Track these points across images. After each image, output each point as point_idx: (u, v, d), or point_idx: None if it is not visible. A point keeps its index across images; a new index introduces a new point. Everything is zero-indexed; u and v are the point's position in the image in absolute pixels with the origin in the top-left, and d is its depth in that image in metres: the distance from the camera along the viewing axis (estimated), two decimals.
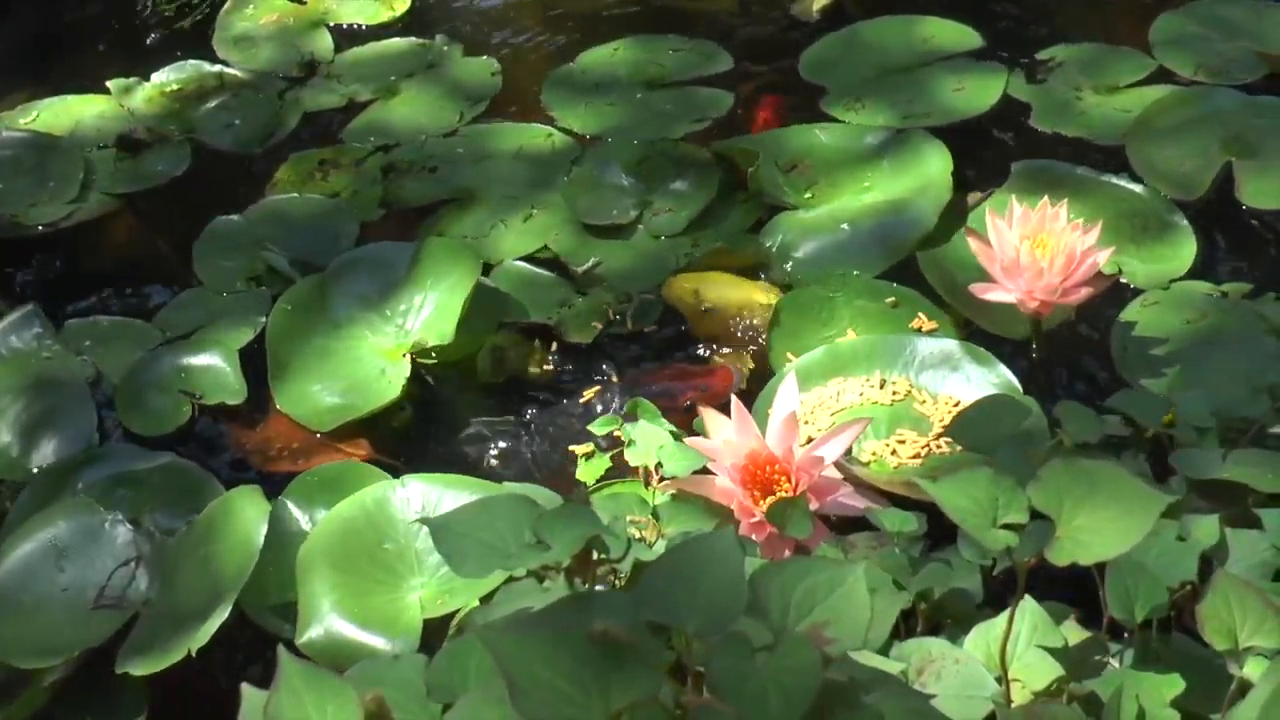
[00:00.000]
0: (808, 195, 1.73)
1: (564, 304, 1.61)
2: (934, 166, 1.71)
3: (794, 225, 1.68)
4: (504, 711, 0.58)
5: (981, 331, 1.52)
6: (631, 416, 1.37)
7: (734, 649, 0.64)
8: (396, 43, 2.11)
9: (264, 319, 1.62)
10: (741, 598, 0.66)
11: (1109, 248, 1.43)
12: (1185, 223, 1.63)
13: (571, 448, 1.44)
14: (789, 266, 1.63)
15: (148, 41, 2.18)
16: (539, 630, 0.60)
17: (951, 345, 1.44)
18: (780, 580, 0.68)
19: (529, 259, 1.69)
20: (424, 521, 0.92)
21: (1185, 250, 1.60)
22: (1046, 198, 1.43)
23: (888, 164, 1.75)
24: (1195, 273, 1.58)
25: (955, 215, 1.66)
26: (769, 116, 1.58)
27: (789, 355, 1.49)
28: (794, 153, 1.79)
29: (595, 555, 0.89)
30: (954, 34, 1.97)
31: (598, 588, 1.03)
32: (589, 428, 1.39)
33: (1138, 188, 1.69)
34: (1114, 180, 1.70)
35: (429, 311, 1.58)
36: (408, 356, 1.53)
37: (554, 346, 1.58)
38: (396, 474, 1.37)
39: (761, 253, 1.65)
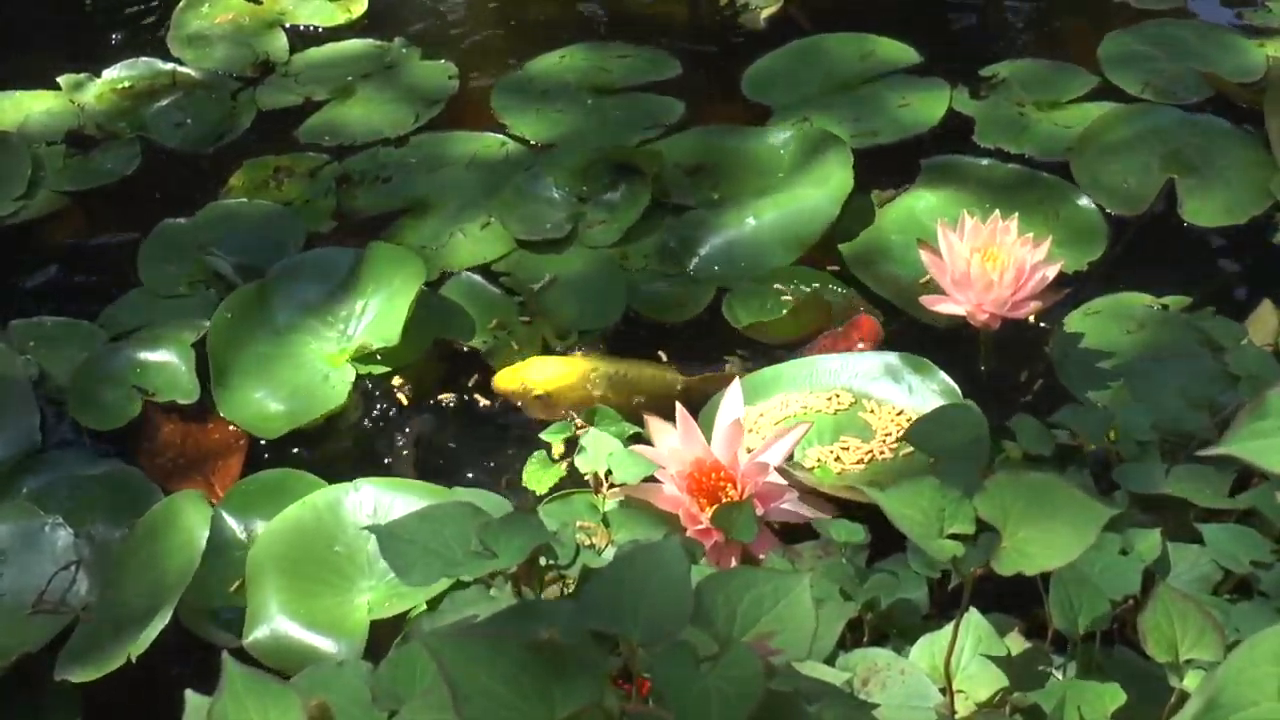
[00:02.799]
0: (715, 196, 1.75)
1: (504, 329, 1.60)
2: (834, 161, 1.74)
3: (700, 224, 1.71)
4: (446, 718, 0.58)
5: (914, 321, 1.56)
6: (588, 423, 1.37)
7: (678, 658, 0.64)
8: (354, 44, 2.10)
9: (207, 323, 1.60)
10: (686, 607, 0.66)
11: (1059, 261, 1.44)
12: (1094, 207, 1.68)
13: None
14: (694, 264, 1.66)
15: (99, 38, 2.16)
16: (481, 638, 0.60)
17: (893, 358, 1.45)
18: (726, 590, 0.69)
19: (484, 271, 1.68)
20: (371, 529, 0.91)
21: (1099, 237, 1.65)
22: (998, 211, 1.44)
23: (791, 162, 1.78)
24: (1112, 260, 1.62)
25: (863, 209, 1.71)
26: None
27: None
28: (701, 156, 1.81)
29: (542, 562, 0.89)
30: (894, 50, 1.99)
31: (545, 594, 1.03)
32: (542, 435, 1.39)
33: (1046, 175, 1.73)
34: (1025, 170, 1.75)
35: (372, 316, 1.57)
36: (350, 362, 1.53)
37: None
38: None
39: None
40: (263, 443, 1.50)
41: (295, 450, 1.49)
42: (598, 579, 0.69)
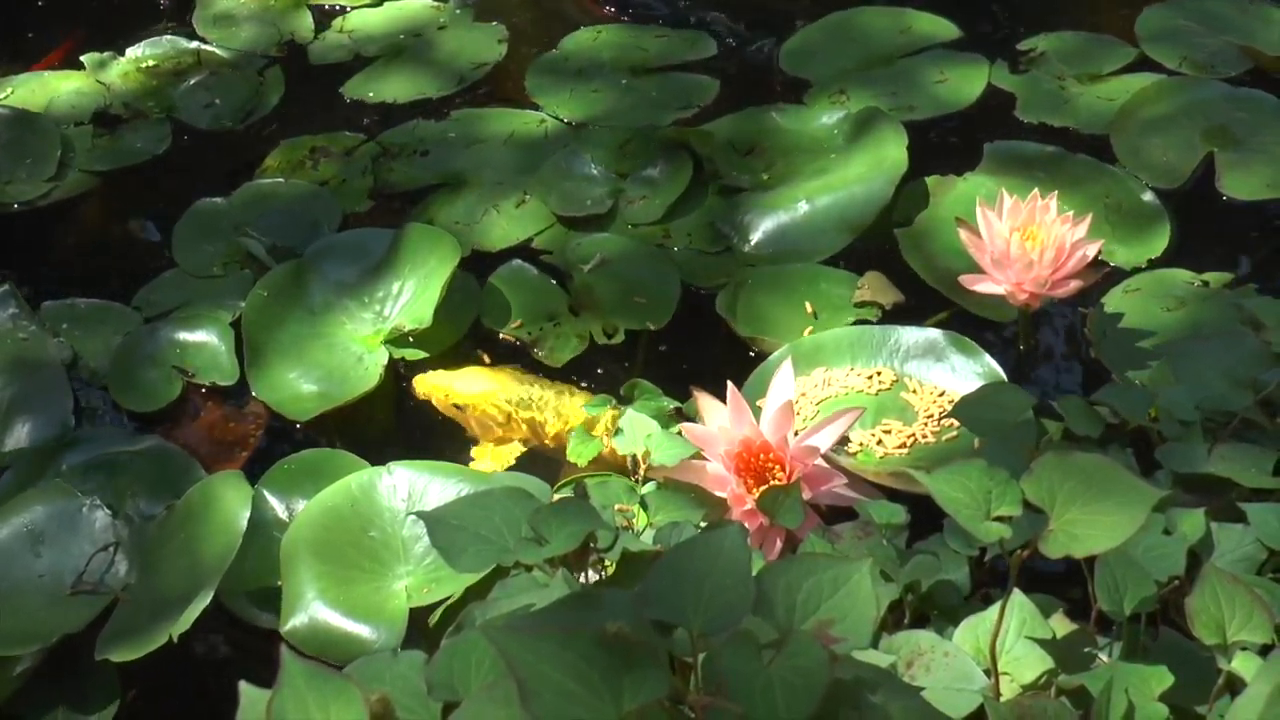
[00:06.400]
0: (765, 176, 1.74)
1: (551, 319, 1.58)
2: (889, 143, 1.71)
3: (753, 206, 1.69)
4: (512, 713, 0.57)
5: (964, 314, 1.54)
6: (627, 398, 1.36)
7: (740, 648, 0.63)
8: (406, 5, 2.10)
9: (243, 303, 1.59)
10: (748, 596, 0.65)
11: (1099, 240, 1.43)
12: (1159, 203, 1.65)
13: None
14: (749, 247, 1.64)
15: (124, 18, 2.15)
16: (546, 630, 0.59)
17: (936, 335, 1.44)
18: (785, 578, 0.68)
19: (528, 254, 1.67)
20: (418, 515, 0.91)
21: (1161, 230, 1.62)
22: (1037, 189, 1.43)
23: (844, 142, 1.76)
24: (1173, 256, 1.59)
25: (918, 192, 1.68)
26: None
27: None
28: (752, 136, 1.79)
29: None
30: (932, 25, 1.97)
31: (583, 578, 1.02)
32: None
33: (1113, 168, 1.70)
34: (1089, 160, 1.71)
35: (407, 298, 1.57)
36: (385, 345, 1.52)
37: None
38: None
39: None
40: (298, 425, 1.49)
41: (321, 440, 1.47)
42: (657, 568, 0.68)
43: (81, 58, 2.02)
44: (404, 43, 2.02)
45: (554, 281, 1.63)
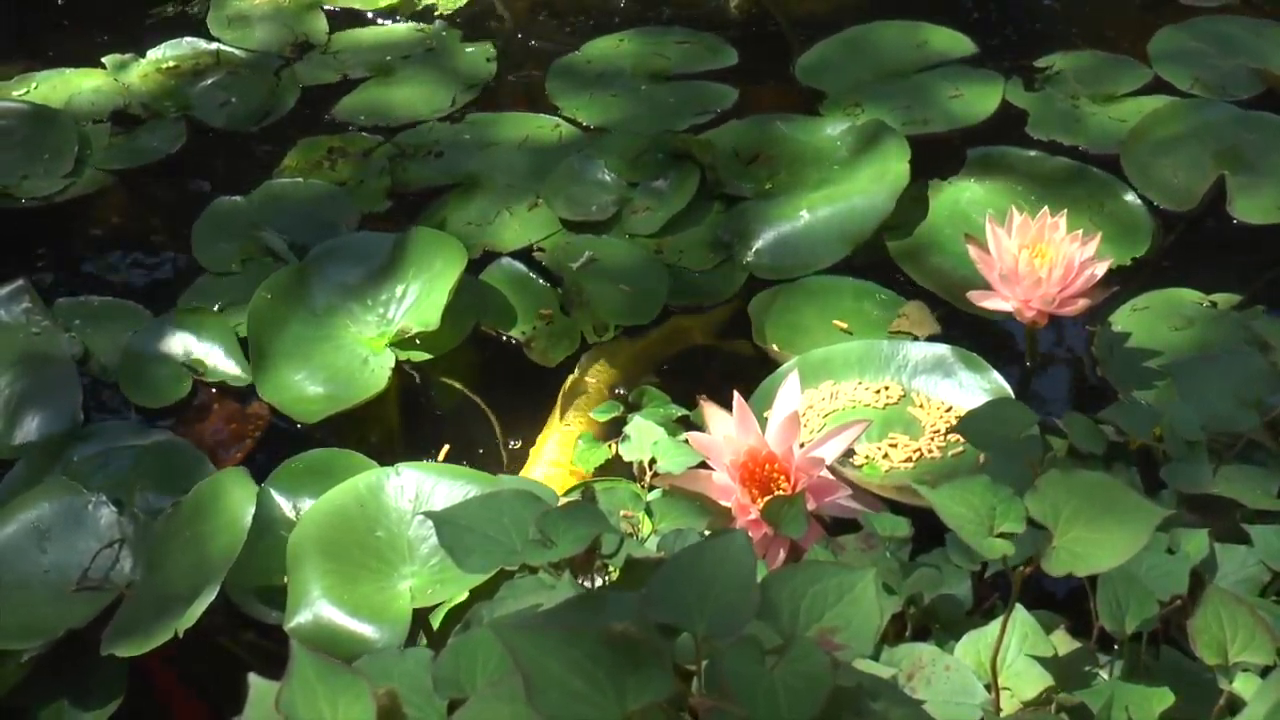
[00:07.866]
0: (768, 186, 1.74)
1: (544, 319, 1.59)
2: (892, 155, 1.72)
3: (754, 215, 1.70)
4: (517, 709, 0.58)
5: (961, 314, 1.55)
6: (635, 405, 1.37)
7: (745, 652, 0.64)
8: (395, 27, 2.11)
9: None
10: (753, 602, 0.66)
11: (1108, 258, 1.43)
12: (1139, 202, 1.67)
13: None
14: (750, 257, 1.65)
15: (143, 19, 2.17)
16: (554, 628, 0.59)
17: (944, 350, 1.45)
18: (790, 585, 0.69)
19: (528, 256, 1.68)
20: (427, 515, 0.91)
21: (1145, 229, 1.64)
22: (1046, 208, 1.43)
23: (847, 154, 1.76)
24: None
25: (917, 204, 1.69)
26: None
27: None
28: (756, 144, 1.80)
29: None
30: (948, 40, 1.99)
31: (593, 582, 1.03)
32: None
33: (1093, 169, 1.72)
34: (1071, 163, 1.74)
35: (412, 300, 1.57)
36: (390, 347, 1.53)
37: None
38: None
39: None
40: (300, 427, 1.50)
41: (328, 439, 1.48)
42: (663, 572, 0.69)
43: (103, 59, 2.04)
44: (392, 65, 2.02)
45: (546, 282, 1.64)
